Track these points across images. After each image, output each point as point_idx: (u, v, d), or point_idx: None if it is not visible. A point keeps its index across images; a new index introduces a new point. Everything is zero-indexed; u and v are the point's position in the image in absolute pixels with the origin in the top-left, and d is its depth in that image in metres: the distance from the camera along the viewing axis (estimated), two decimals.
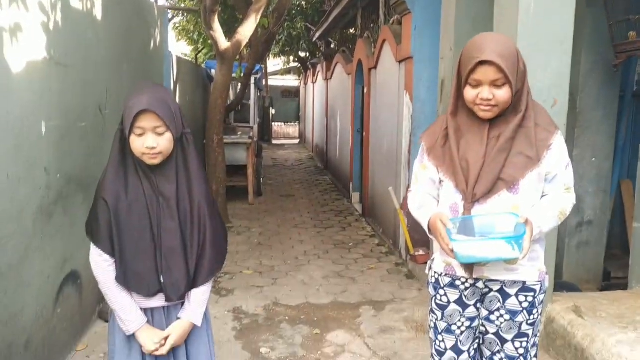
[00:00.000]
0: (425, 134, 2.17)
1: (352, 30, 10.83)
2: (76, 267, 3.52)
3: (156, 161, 1.86)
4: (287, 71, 24.01)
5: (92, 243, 1.91)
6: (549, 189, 2.04)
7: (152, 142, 1.81)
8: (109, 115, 4.06)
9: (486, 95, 1.91)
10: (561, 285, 3.96)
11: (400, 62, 5.58)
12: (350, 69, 8.72)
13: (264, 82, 15.41)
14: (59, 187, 3.20)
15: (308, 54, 16.41)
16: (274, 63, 23.97)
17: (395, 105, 5.79)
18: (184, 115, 1.99)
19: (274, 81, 25.26)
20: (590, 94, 4.28)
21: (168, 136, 1.85)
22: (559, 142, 2.01)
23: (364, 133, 7.70)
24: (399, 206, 5.31)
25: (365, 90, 7.43)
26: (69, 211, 3.37)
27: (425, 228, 2.03)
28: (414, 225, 4.93)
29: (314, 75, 15.49)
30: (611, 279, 4.61)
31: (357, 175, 8.61)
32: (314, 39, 13.43)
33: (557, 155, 2.00)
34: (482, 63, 1.89)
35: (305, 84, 18.63)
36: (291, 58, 18.60)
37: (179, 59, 8.16)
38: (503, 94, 1.91)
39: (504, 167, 1.94)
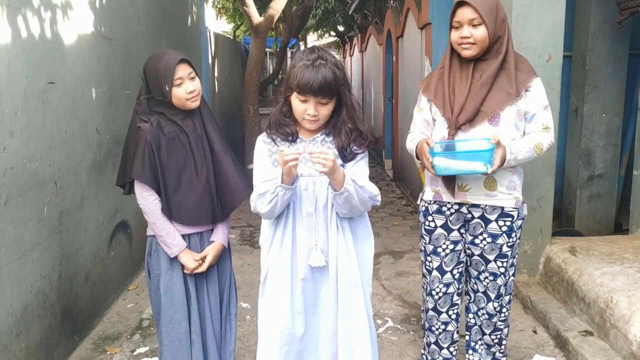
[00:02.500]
0: (422, 80, 2.56)
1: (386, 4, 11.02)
2: (126, 218, 4.04)
3: (197, 103, 2.26)
4: (327, 46, 24.21)
5: (137, 181, 2.33)
6: (529, 128, 2.37)
7: (191, 86, 2.22)
8: None
9: (465, 33, 2.27)
10: (564, 232, 4.22)
11: (421, 28, 5.84)
12: (381, 40, 8.97)
13: None
14: (108, 146, 3.69)
15: (346, 28, 16.62)
16: (313, 39, 24.20)
17: (418, 71, 6.07)
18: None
19: None
20: (599, 52, 4.46)
21: (198, 80, 2.28)
22: (537, 86, 2.34)
23: (394, 101, 7.98)
24: (420, 165, 5.63)
25: (394, 59, 7.70)
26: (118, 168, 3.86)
27: (414, 154, 2.39)
28: None
29: (351, 48, 15.70)
30: (623, 231, 4.81)
31: (388, 142, 8.91)
32: (350, 12, 13.63)
33: (535, 97, 2.33)
34: (459, 5, 2.29)
35: (344, 57, 18.85)
36: (331, 33, 18.82)
37: (216, 35, 8.60)
38: (480, 33, 2.26)
39: (485, 100, 2.29)
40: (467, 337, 2.67)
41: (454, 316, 2.62)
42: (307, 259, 2.02)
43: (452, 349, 2.66)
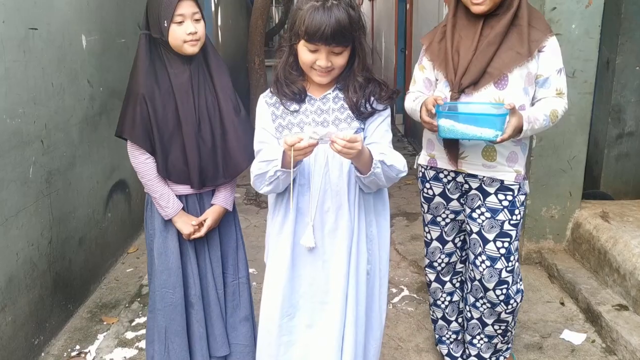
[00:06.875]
0: (425, 35, 2.24)
1: None
2: (124, 177, 3.78)
3: (196, 48, 1.96)
4: None
5: (128, 140, 2.07)
6: (540, 93, 2.06)
7: (192, 27, 1.93)
8: None
9: None
10: (593, 194, 3.95)
11: None
12: None
13: None
14: (102, 99, 3.39)
15: None
16: None
17: (435, 19, 5.68)
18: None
19: None
20: None
21: (203, 24, 1.98)
22: (552, 46, 2.03)
23: (407, 52, 7.59)
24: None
25: (408, 7, 7.28)
26: (114, 123, 3.57)
27: (418, 113, 2.09)
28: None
29: None
30: None
31: (400, 95, 8.55)
32: None
33: (549, 58, 2.02)
34: None
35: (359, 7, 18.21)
36: None
37: None
38: None
39: (492, 60, 1.98)
40: (465, 332, 2.39)
41: (457, 284, 2.41)
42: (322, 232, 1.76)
43: (460, 319, 2.45)
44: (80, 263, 3.08)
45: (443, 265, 2.35)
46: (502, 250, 2.12)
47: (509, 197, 2.10)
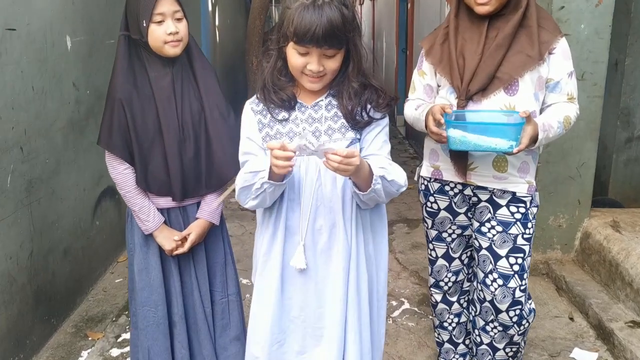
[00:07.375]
0: (425, 38, 2.09)
1: None
2: (113, 183, 3.61)
3: (177, 50, 1.84)
4: None
5: (106, 151, 1.94)
6: (551, 98, 1.93)
7: (173, 27, 1.81)
8: None
9: None
10: (602, 202, 3.80)
11: None
12: None
13: None
14: (89, 103, 3.24)
15: None
16: None
17: (436, 19, 5.54)
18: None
19: None
20: None
21: (185, 23, 1.86)
22: (563, 48, 1.90)
23: (408, 52, 7.45)
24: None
25: (409, 6, 7.14)
26: None
27: (422, 123, 1.93)
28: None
29: None
30: None
31: (401, 96, 8.41)
32: None
33: (560, 61, 1.89)
34: None
35: (354, 6, 18.08)
36: None
37: None
38: None
39: (501, 64, 1.84)
40: (474, 358, 2.24)
41: (465, 304, 2.27)
42: (313, 251, 1.61)
43: (467, 341, 2.31)
44: (64, 275, 2.93)
45: (450, 284, 2.21)
46: (516, 267, 1.96)
47: (522, 210, 1.96)
